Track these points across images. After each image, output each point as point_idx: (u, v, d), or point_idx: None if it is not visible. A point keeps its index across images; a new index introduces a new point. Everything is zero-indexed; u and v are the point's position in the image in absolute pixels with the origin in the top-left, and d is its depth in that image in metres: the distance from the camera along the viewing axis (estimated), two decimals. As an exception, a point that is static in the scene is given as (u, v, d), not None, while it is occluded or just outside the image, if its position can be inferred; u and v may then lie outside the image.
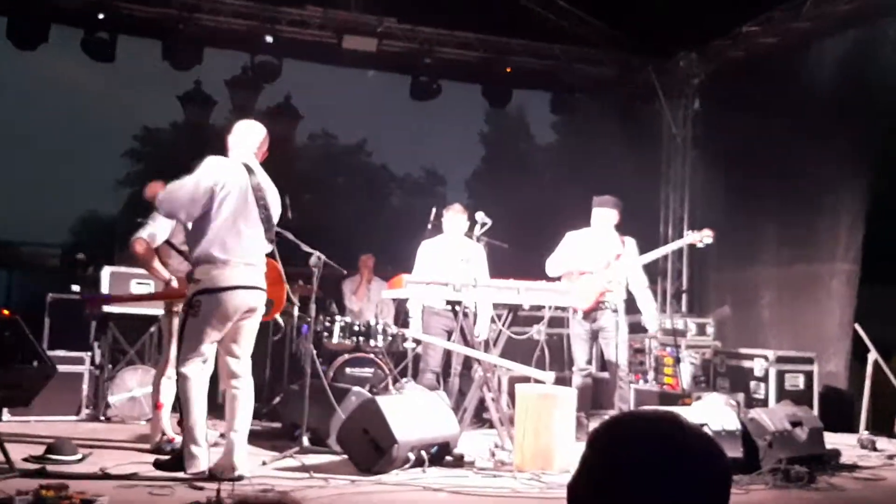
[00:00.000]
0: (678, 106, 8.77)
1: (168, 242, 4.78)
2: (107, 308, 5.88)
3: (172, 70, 7.73)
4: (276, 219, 4.33)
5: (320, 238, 5.52)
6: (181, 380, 4.08)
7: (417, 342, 6.12)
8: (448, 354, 5.88)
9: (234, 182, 4.11)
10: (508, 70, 8.44)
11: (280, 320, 5.01)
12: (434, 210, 6.31)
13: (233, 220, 4.08)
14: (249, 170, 4.21)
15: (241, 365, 4.26)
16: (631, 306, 6.05)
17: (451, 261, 5.77)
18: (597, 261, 5.90)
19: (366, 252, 7.90)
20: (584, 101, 9.09)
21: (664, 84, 8.60)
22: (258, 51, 7.85)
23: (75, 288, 6.35)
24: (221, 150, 4.37)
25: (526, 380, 5.21)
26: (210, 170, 4.11)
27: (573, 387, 5.64)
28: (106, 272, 6.16)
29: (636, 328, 6.77)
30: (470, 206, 6.21)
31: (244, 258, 4.10)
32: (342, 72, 9.39)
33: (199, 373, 4.09)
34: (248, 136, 4.34)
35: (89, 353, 6.14)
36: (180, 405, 4.11)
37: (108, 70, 8.23)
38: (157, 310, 5.84)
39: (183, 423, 4.09)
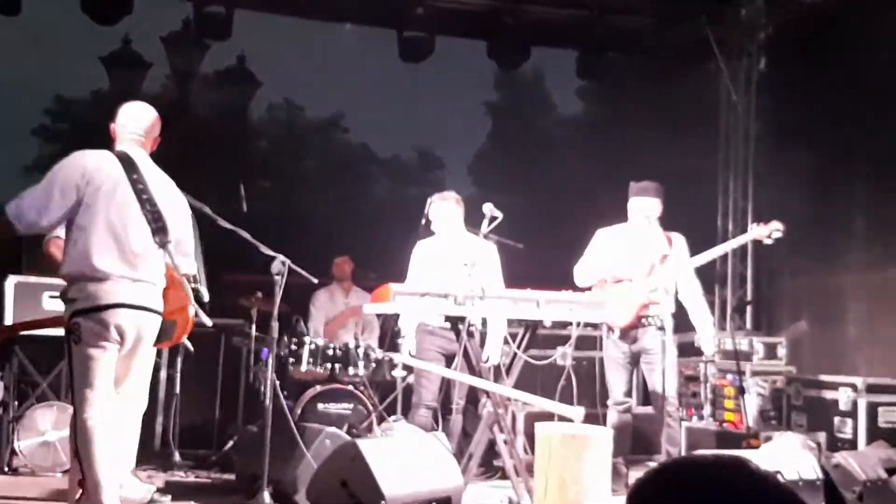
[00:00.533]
0: (739, 67, 8.78)
1: None
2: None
3: (94, 25, 7.72)
4: (176, 218, 4.39)
5: (284, 238, 5.53)
6: (80, 429, 4.08)
7: (409, 369, 6.12)
8: (448, 385, 5.88)
9: (104, 178, 4.16)
10: (521, 23, 8.44)
11: (188, 344, 5.02)
12: (430, 201, 6.32)
13: (107, 225, 4.13)
14: (127, 161, 4.25)
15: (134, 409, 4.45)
16: (681, 322, 6.05)
17: (452, 266, 5.76)
18: (637, 264, 5.90)
19: (342, 254, 7.91)
20: (619, 62, 9.11)
21: (721, 39, 8.60)
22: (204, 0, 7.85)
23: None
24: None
25: (548, 417, 5.20)
26: (70, 165, 4.18)
27: (608, 426, 5.63)
28: (10, 283, 6.14)
29: (688, 350, 6.77)
30: (475, 197, 6.23)
31: (129, 271, 4.15)
32: (311, 26, 9.39)
33: (102, 417, 4.10)
34: (130, 122, 4.42)
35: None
36: (80, 460, 4.09)
37: (13, 25, 8.22)
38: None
39: (84, 482, 4.06)
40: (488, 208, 5.73)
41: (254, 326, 6.24)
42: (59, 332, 5.95)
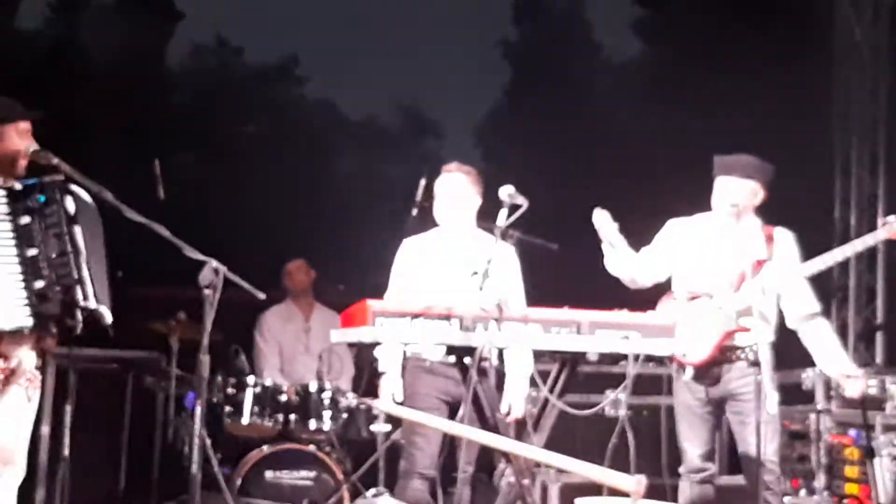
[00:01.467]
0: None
1: None
2: None
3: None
4: None
5: (217, 235, 5.54)
6: None
7: (395, 422, 6.13)
8: (451, 444, 5.89)
9: None
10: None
11: None
12: (423, 182, 6.33)
13: None
14: None
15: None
16: (785, 356, 6.06)
17: (455, 273, 5.78)
18: (720, 274, 5.92)
19: (297, 257, 7.93)
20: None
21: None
22: None
23: None
24: (32, 72, 4.46)
25: (594, 490, 5.20)
26: None
27: (681, 502, 5.64)
28: None
29: (794, 395, 6.78)
30: (485, 176, 6.24)
31: None
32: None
33: None
34: None
35: None
36: None
37: None
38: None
39: None
40: (507, 193, 5.68)
41: (174, 361, 6.26)
42: None
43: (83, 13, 10.02)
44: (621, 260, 5.95)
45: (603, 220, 5.89)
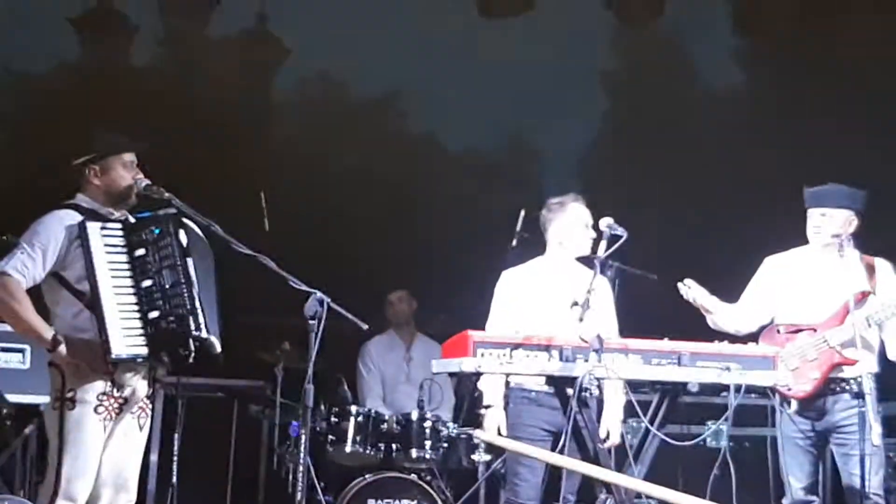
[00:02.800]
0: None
1: (58, 278, 4.91)
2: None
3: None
4: None
5: (322, 266, 5.59)
6: None
7: (498, 452, 6.13)
8: (553, 475, 5.86)
9: None
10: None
11: None
12: (522, 213, 6.34)
13: None
14: None
15: None
16: (891, 386, 5.96)
17: (556, 305, 5.77)
18: (822, 307, 5.84)
19: (399, 289, 7.98)
20: (792, 10, 9.04)
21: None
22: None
23: None
24: (143, 108, 4.56)
25: (695, 522, 5.14)
26: None
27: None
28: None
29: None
30: (588, 205, 6.23)
31: None
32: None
33: None
34: None
35: None
36: None
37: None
38: (36, 397, 5.98)
39: None
40: (606, 224, 5.69)
41: (279, 391, 6.32)
42: (16, 399, 6.22)
43: (194, 51, 10.22)
44: (721, 318, 5.92)
45: (691, 292, 5.86)
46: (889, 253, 5.99)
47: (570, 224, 6.08)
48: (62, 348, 4.62)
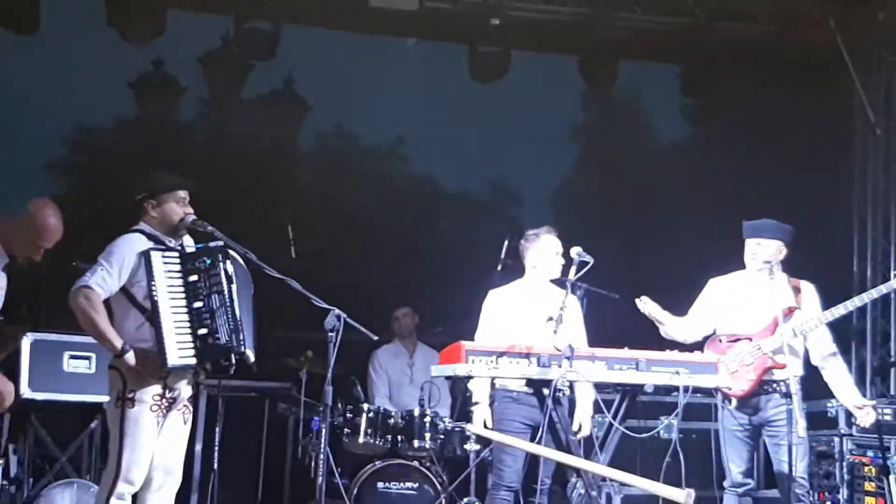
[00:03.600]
0: (877, 82, 8.69)
1: (127, 294, 4.91)
2: (29, 394, 6.05)
3: (122, 43, 7.96)
4: None
5: (338, 287, 5.59)
6: None
7: (485, 442, 6.11)
8: (532, 461, 5.85)
9: None
10: (614, 34, 8.45)
11: None
12: (506, 242, 6.34)
13: None
14: None
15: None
16: (811, 388, 5.95)
17: (535, 319, 5.77)
18: (757, 320, 5.84)
19: (404, 306, 7.97)
20: (731, 76, 9.06)
21: (855, 48, 8.54)
22: (246, 13, 8.05)
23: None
24: (189, 156, 4.58)
25: (652, 501, 5.13)
26: None
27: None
28: (26, 341, 6.31)
29: (819, 422, 6.64)
30: (559, 236, 6.22)
31: None
32: (368, 42, 9.54)
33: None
34: None
35: (1, 462, 6.28)
36: None
37: (28, 45, 8.46)
38: (99, 397, 5.97)
39: None
40: (577, 252, 5.69)
41: (303, 391, 6.31)
42: (81, 397, 6.20)
43: (231, 108, 10.25)
44: (672, 329, 5.92)
45: (646, 306, 5.87)
46: (810, 277, 6.02)
47: (543, 252, 6.06)
48: (129, 356, 4.63)
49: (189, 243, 4.99)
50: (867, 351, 8.49)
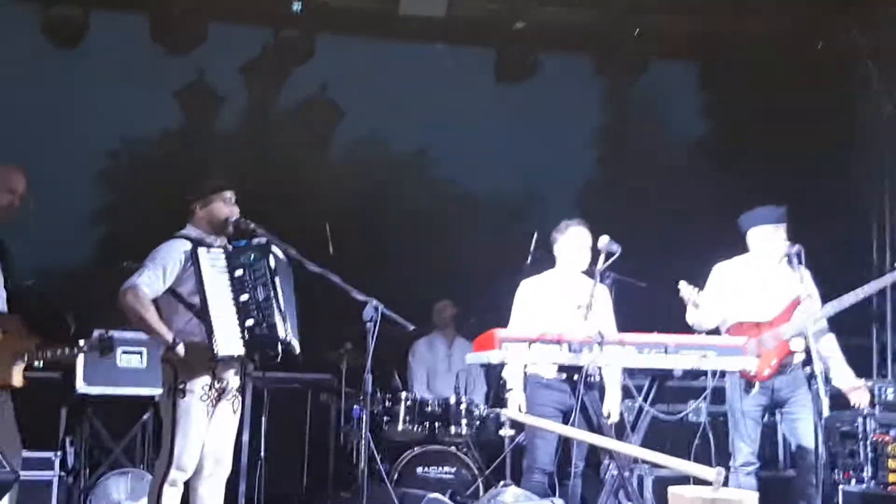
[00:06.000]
0: (890, 74, 8.60)
1: (174, 293, 4.94)
2: (84, 388, 6.09)
3: (165, 55, 8.02)
4: None
5: (375, 283, 5.58)
6: None
7: (519, 427, 6.10)
8: (565, 445, 5.83)
9: None
10: (636, 34, 8.43)
11: None
12: (535, 236, 6.33)
13: None
14: None
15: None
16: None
17: (566, 307, 5.75)
18: (772, 304, 5.80)
19: (438, 299, 7.98)
20: (748, 72, 9.01)
21: (872, 45, 8.46)
22: (282, 23, 8.09)
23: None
24: (231, 163, 4.61)
25: (682, 482, 5.10)
26: None
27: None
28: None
29: (842, 402, 6.58)
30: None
31: None
32: (398, 48, 9.55)
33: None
34: None
35: (59, 454, 6.33)
36: None
37: (73, 59, 8.51)
38: (151, 390, 6.01)
39: None
40: (604, 242, 5.67)
41: (343, 381, 6.32)
42: (134, 390, 6.24)
43: (269, 115, 10.28)
44: (694, 315, 5.86)
45: (687, 290, 5.82)
46: (827, 265, 5.97)
47: (571, 243, 6.07)
48: (180, 348, 4.66)
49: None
50: (888, 334, 8.44)
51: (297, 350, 4.91)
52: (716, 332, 5.88)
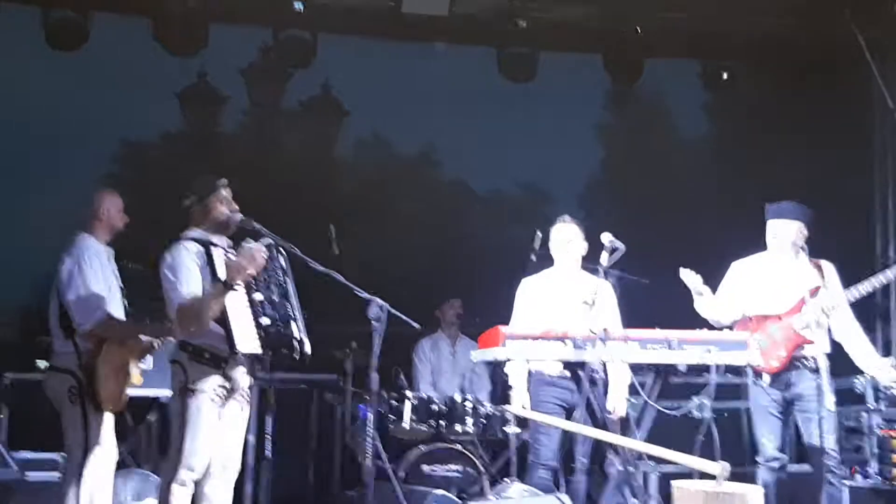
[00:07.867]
0: (893, 70, 8.62)
1: None
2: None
3: (168, 56, 8.06)
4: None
5: (379, 282, 5.61)
6: None
7: (523, 423, 6.13)
8: (570, 441, 5.87)
9: None
10: (638, 32, 8.46)
11: None
12: (538, 234, 6.36)
13: None
14: None
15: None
16: (841, 365, 5.93)
17: (568, 304, 5.79)
18: (784, 299, 5.83)
19: (442, 299, 8.02)
20: (751, 70, 9.04)
21: (873, 40, 8.47)
22: (284, 23, 8.12)
23: (42, 364, 6.61)
24: (234, 164, 4.63)
25: (687, 477, 5.13)
26: None
27: (759, 486, 5.55)
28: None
29: (847, 397, 6.61)
30: (590, 231, 6.24)
31: None
32: (400, 48, 9.58)
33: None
34: None
35: (65, 455, 6.35)
36: None
37: (75, 61, 8.53)
38: (156, 391, 6.05)
39: None
40: (608, 239, 5.68)
41: (349, 381, 6.35)
42: (141, 390, 6.26)
43: (272, 116, 10.32)
44: (706, 306, 5.91)
45: (689, 277, 5.88)
46: (830, 257, 6.01)
47: (555, 239, 6.15)
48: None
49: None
50: (892, 329, 8.46)
51: (309, 349, 4.93)
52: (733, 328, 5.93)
